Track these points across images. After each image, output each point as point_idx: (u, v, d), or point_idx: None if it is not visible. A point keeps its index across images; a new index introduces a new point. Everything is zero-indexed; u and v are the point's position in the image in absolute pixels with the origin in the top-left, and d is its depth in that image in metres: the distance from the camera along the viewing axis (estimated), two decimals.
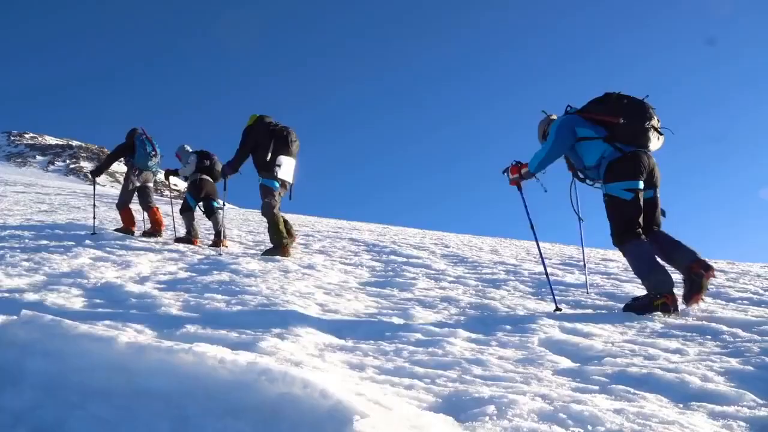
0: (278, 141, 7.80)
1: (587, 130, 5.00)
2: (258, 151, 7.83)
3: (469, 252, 9.81)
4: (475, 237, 15.06)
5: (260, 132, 7.83)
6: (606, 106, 4.98)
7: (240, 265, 6.76)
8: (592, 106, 5.08)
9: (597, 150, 4.96)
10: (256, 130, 7.87)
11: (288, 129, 7.97)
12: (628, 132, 4.85)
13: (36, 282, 5.28)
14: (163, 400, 2.49)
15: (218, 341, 3.30)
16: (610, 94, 5.04)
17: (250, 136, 7.86)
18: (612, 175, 4.85)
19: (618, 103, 4.93)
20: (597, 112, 4.99)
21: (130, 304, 4.54)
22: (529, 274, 7.04)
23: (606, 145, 4.91)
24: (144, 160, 9.58)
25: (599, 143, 4.94)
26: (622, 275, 7.22)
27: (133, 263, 6.64)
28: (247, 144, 7.88)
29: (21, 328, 3.16)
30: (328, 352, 3.42)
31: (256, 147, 7.83)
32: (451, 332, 3.98)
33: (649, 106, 4.93)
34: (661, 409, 2.63)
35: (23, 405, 2.49)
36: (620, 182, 4.80)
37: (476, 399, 2.64)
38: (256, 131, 7.85)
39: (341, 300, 5.01)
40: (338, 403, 2.21)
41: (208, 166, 9.79)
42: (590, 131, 4.99)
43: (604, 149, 4.91)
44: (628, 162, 4.82)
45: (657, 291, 4.70)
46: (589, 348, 3.69)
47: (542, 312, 4.77)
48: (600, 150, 4.94)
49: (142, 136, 9.69)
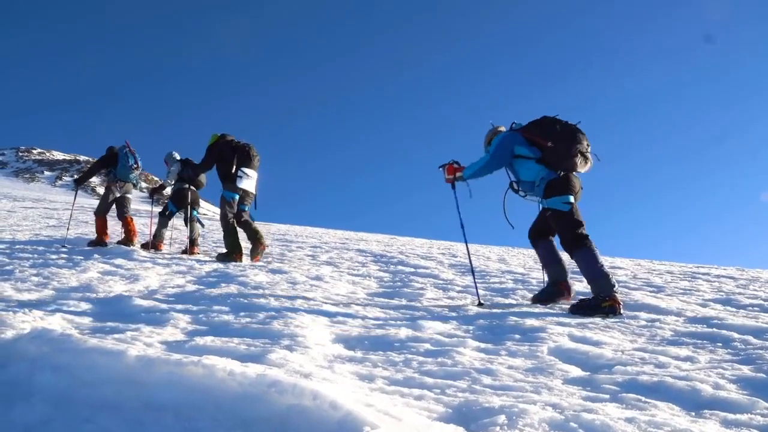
0: (241, 155, 8.48)
1: (524, 149, 5.48)
2: (221, 165, 8.50)
3: (477, 261, 9.80)
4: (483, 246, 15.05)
5: (222, 148, 8.51)
6: (540, 128, 5.44)
7: (248, 277, 6.77)
8: (530, 127, 5.52)
9: (532, 169, 5.45)
10: (218, 146, 8.56)
11: (249, 145, 8.66)
12: (555, 155, 5.33)
13: (45, 296, 5.29)
14: (173, 412, 2.49)
15: (227, 354, 3.29)
16: (547, 117, 5.50)
17: (212, 152, 8.55)
18: (550, 191, 5.36)
19: (551, 127, 5.40)
20: (533, 133, 5.44)
21: (139, 318, 4.54)
22: (538, 283, 7.01)
23: (541, 167, 5.40)
24: (125, 172, 10.15)
25: (533, 163, 5.44)
26: (630, 283, 7.19)
27: (142, 277, 6.66)
28: (209, 159, 8.60)
29: (31, 343, 3.17)
30: (337, 364, 3.41)
31: (219, 161, 8.51)
32: (460, 342, 3.97)
33: (579, 131, 5.38)
34: (672, 417, 2.61)
35: (34, 419, 2.49)
36: (558, 197, 5.32)
37: (486, 409, 2.62)
38: (219, 148, 8.54)
39: (349, 311, 5.00)
40: (348, 414, 2.20)
41: (191, 175, 10.17)
42: (527, 150, 5.47)
43: (539, 170, 5.41)
44: (562, 181, 5.36)
45: (605, 294, 5.03)
46: (599, 356, 3.67)
47: (551, 321, 4.76)
48: (536, 170, 5.43)
49: (125, 149, 10.19)
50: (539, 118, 5.54)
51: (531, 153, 5.44)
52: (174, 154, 10.51)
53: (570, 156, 5.32)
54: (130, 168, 10.17)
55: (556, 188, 5.34)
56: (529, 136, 5.46)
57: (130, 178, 10.28)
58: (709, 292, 6.61)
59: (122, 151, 10.21)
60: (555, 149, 5.31)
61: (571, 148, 5.30)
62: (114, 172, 10.23)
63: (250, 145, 8.68)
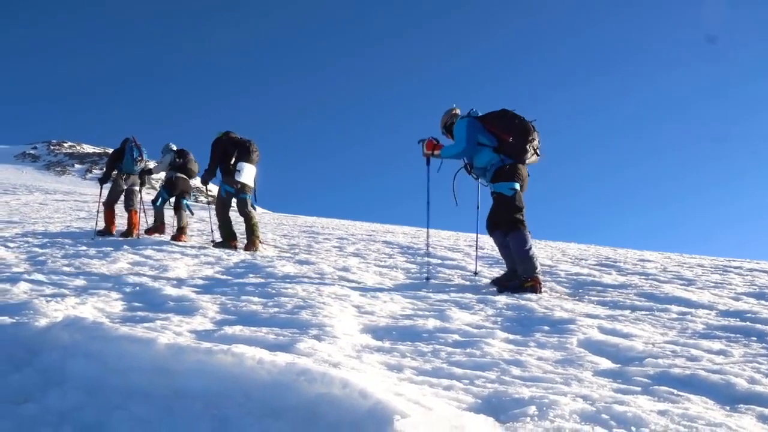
0: (241, 150, 9.03)
1: (483, 138, 5.98)
2: (223, 160, 9.07)
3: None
4: None
5: (225, 145, 9.08)
6: (502, 121, 5.94)
7: (275, 268, 6.80)
8: (491, 118, 6.00)
9: (486, 156, 5.97)
10: (222, 141, 9.11)
11: (249, 141, 9.21)
12: (512, 148, 5.87)
13: (77, 286, 5.36)
14: (203, 400, 2.50)
15: (256, 343, 3.31)
16: (507, 111, 6.00)
17: (216, 150, 9.07)
18: (497, 177, 5.89)
19: (511, 122, 5.91)
20: (494, 126, 5.95)
21: (168, 307, 4.58)
22: (566, 275, 6.95)
23: (494, 155, 5.93)
24: (130, 165, 10.69)
25: (489, 151, 5.95)
26: (660, 276, 7.09)
27: (171, 267, 6.72)
28: (216, 153, 9.07)
29: (63, 331, 3.21)
30: (365, 354, 3.40)
31: (224, 155, 9.05)
32: (488, 333, 3.94)
33: (534, 128, 5.94)
34: (707, 410, 2.57)
35: (67, 405, 2.53)
36: (504, 182, 5.85)
37: (516, 400, 2.60)
38: (223, 143, 9.09)
39: (377, 302, 4.99)
40: (378, 403, 2.20)
41: (182, 164, 10.79)
42: (485, 139, 5.97)
43: (492, 158, 5.94)
44: (510, 169, 5.87)
45: (528, 275, 5.63)
46: (630, 349, 3.62)
47: (580, 313, 4.71)
48: (489, 157, 5.95)
49: (131, 143, 10.75)
50: (500, 110, 6.03)
51: (488, 141, 5.96)
52: (170, 145, 11.02)
53: (524, 150, 5.88)
54: (134, 161, 10.69)
55: (504, 175, 5.86)
56: (491, 127, 5.97)
57: (134, 170, 10.79)
58: (742, 285, 6.49)
59: (128, 144, 10.75)
60: (513, 144, 5.85)
61: (526, 142, 5.87)
62: (120, 166, 10.76)
63: (250, 141, 9.22)
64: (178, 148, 10.97)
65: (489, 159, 5.95)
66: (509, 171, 5.86)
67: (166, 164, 10.88)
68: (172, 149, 10.92)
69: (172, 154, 10.82)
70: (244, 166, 8.90)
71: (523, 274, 5.66)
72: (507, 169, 5.86)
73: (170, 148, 10.94)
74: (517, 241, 5.74)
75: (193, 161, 10.90)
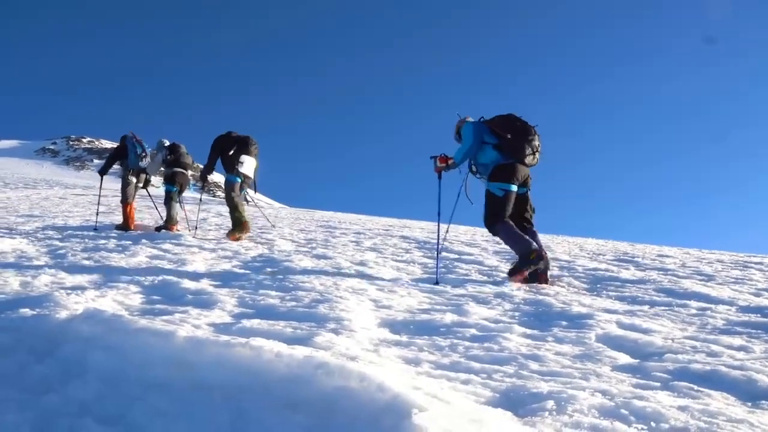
0: (240, 145, 9.49)
1: (488, 137, 6.28)
2: (224, 156, 9.57)
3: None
4: None
5: (226, 140, 9.57)
6: (505, 122, 6.26)
7: (293, 262, 6.82)
8: (497, 120, 6.33)
9: (489, 154, 6.24)
10: (222, 138, 9.61)
11: (248, 136, 9.67)
12: (511, 145, 6.13)
13: (96, 279, 5.41)
14: (221, 393, 2.52)
15: (274, 336, 3.32)
16: (512, 114, 6.32)
17: (215, 147, 9.57)
18: (494, 176, 6.16)
19: (513, 123, 6.23)
20: (498, 126, 6.24)
21: (187, 301, 4.61)
22: (584, 270, 6.92)
23: (496, 152, 6.19)
24: (135, 160, 10.87)
25: (491, 148, 6.23)
26: (679, 271, 7.04)
27: (189, 261, 6.76)
28: (212, 155, 9.58)
29: (84, 323, 3.24)
30: (383, 347, 3.41)
31: (222, 152, 9.54)
32: (506, 328, 3.93)
33: (534, 130, 6.24)
34: (727, 407, 2.55)
35: (88, 396, 2.56)
36: (498, 183, 6.10)
37: (534, 394, 2.60)
38: (223, 139, 9.59)
39: (394, 296, 4.99)
40: (396, 396, 2.20)
41: (174, 159, 10.89)
42: (488, 138, 6.27)
43: (493, 155, 6.20)
44: (507, 169, 6.11)
45: (526, 250, 5.87)
46: (649, 344, 3.60)
47: (599, 308, 4.68)
48: (491, 154, 6.22)
49: (132, 140, 10.91)
50: (506, 113, 6.37)
51: (491, 140, 6.26)
52: (163, 141, 11.12)
53: (522, 148, 6.12)
54: (139, 157, 10.88)
55: (500, 175, 6.12)
56: (493, 126, 6.28)
57: (140, 166, 10.97)
58: (763, 281, 6.42)
59: (129, 141, 10.92)
60: (511, 141, 6.13)
61: (524, 141, 6.13)
62: (126, 163, 10.96)
63: (249, 136, 9.68)
64: (171, 143, 11.06)
65: (491, 156, 6.23)
66: (506, 171, 6.12)
67: (158, 163, 11.03)
68: (164, 145, 11.03)
69: (164, 152, 10.95)
70: (245, 158, 9.38)
71: (522, 252, 5.93)
72: (505, 169, 6.13)
73: (162, 145, 11.05)
74: (506, 231, 6.05)
75: (185, 154, 11.02)
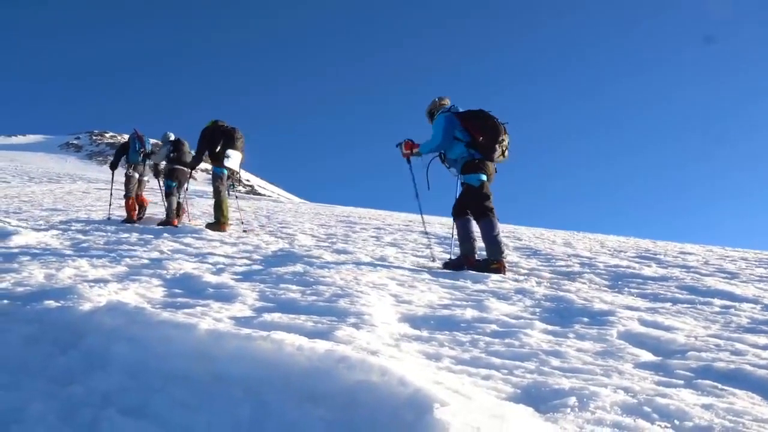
0: (226, 137, 9.77)
1: (458, 133, 6.59)
2: (211, 148, 9.82)
3: (542, 245, 9.66)
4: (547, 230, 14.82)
5: (213, 132, 9.80)
6: (477, 121, 6.54)
7: (313, 257, 6.84)
8: (468, 116, 6.60)
9: (459, 150, 6.58)
10: (209, 130, 9.84)
11: (234, 128, 9.91)
12: (482, 146, 6.50)
13: (119, 272, 5.46)
14: (242, 386, 2.52)
15: (295, 330, 3.33)
16: (483, 111, 6.60)
17: (203, 138, 9.82)
18: (466, 169, 6.55)
19: (485, 122, 6.53)
20: (470, 124, 6.54)
21: (208, 294, 4.63)
22: (605, 267, 6.87)
23: (465, 149, 6.55)
24: (135, 156, 11.75)
25: (462, 146, 6.57)
26: (702, 269, 6.97)
27: (210, 255, 6.80)
28: (201, 146, 9.84)
29: (106, 315, 3.27)
30: (403, 342, 3.40)
31: (210, 144, 9.78)
32: (527, 324, 3.91)
33: (504, 129, 6.59)
34: (753, 406, 2.51)
35: (111, 387, 2.58)
36: (473, 174, 6.50)
37: (556, 390, 2.58)
38: (210, 131, 9.82)
39: (415, 291, 4.99)
40: (417, 391, 2.19)
41: (177, 157, 11.29)
42: (460, 134, 6.59)
43: (463, 152, 6.56)
44: (478, 162, 6.53)
45: (495, 257, 6.22)
46: (672, 341, 3.56)
47: (620, 305, 4.64)
48: (460, 151, 6.57)
49: (134, 136, 11.83)
50: (477, 109, 6.64)
51: (462, 137, 6.57)
52: (168, 135, 11.49)
53: (493, 149, 6.52)
54: (137, 152, 11.71)
55: (472, 167, 6.51)
56: (466, 124, 6.56)
57: (138, 161, 11.78)
58: None
59: (132, 138, 11.81)
60: (483, 142, 6.47)
61: (495, 142, 6.50)
62: (126, 157, 11.83)
63: (235, 128, 9.93)
64: (176, 138, 11.43)
65: (461, 152, 6.58)
66: (477, 164, 6.51)
67: (163, 155, 11.52)
68: (169, 139, 11.42)
69: (168, 146, 11.36)
70: (231, 152, 9.72)
71: (490, 256, 6.28)
72: (475, 163, 6.52)
73: (168, 138, 11.44)
74: (486, 228, 6.37)
75: (187, 153, 11.35)
